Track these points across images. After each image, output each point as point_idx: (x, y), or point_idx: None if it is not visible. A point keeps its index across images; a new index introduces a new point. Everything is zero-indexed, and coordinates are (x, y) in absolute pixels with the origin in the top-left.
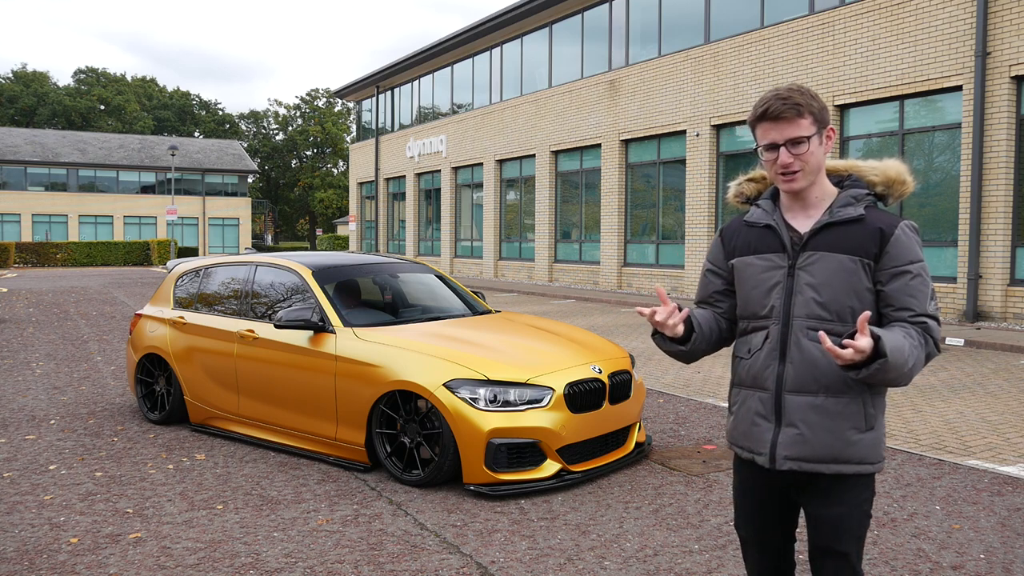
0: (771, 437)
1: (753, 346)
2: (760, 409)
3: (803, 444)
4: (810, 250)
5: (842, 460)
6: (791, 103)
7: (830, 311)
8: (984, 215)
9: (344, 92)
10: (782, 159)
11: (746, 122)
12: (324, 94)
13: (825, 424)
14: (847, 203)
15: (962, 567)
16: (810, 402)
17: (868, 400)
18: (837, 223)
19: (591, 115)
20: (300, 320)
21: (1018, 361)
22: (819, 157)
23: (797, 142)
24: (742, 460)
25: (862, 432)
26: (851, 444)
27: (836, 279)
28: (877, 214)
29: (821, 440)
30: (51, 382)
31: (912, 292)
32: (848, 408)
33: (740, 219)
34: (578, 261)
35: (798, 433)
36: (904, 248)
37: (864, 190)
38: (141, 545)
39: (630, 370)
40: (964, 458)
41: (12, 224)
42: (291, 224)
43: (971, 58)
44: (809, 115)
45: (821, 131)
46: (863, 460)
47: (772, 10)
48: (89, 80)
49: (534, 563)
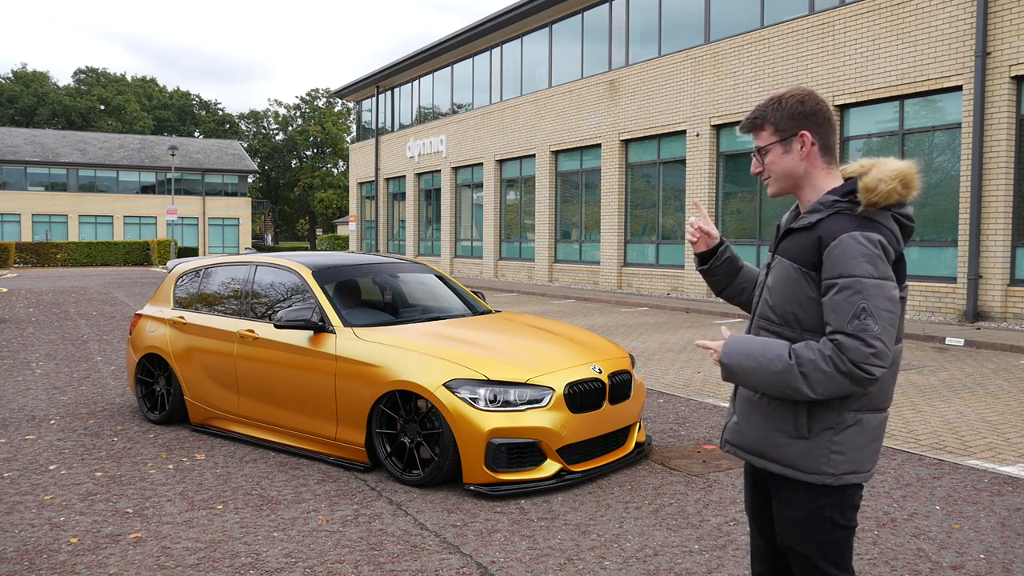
0: (726, 422)
1: None
2: (731, 398)
3: (738, 432)
4: (778, 253)
5: (768, 458)
6: (750, 117)
7: (777, 315)
8: (984, 215)
9: (344, 92)
10: (753, 167)
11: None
12: (324, 94)
13: (757, 420)
14: (815, 209)
15: (962, 567)
16: (748, 397)
17: (803, 410)
18: (796, 229)
19: (591, 115)
20: (300, 320)
21: (1018, 361)
22: (785, 164)
23: (761, 151)
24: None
25: (791, 438)
26: (776, 446)
27: (783, 285)
28: (830, 222)
29: (750, 433)
30: (51, 382)
31: (833, 307)
32: (778, 411)
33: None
34: (578, 261)
35: (735, 422)
36: (837, 260)
37: (835, 196)
38: (141, 545)
39: (630, 370)
40: (964, 458)
41: (12, 224)
42: (291, 224)
43: (971, 58)
44: (769, 126)
45: (788, 139)
46: (791, 465)
47: (772, 10)
48: (89, 80)
49: (534, 563)
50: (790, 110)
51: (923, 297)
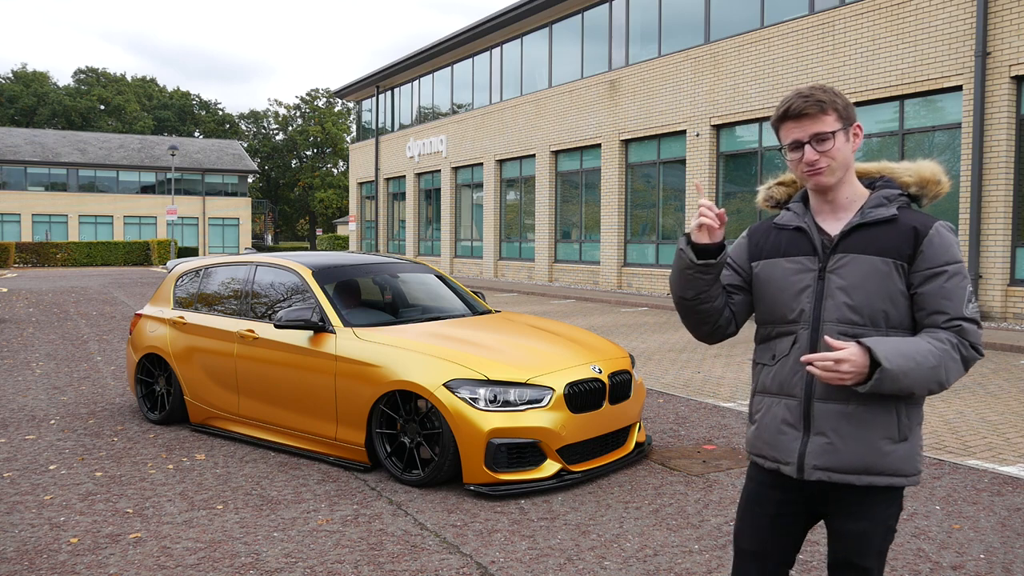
0: (799, 446)
1: (779, 351)
2: (787, 417)
3: (833, 454)
4: (841, 252)
5: (874, 471)
6: (813, 100)
7: (862, 315)
8: (984, 215)
9: (344, 92)
10: (808, 156)
11: (747, 121)
12: (324, 94)
13: (856, 433)
14: (879, 203)
15: (962, 567)
16: (840, 410)
17: (902, 409)
18: (869, 224)
19: (591, 115)
20: (300, 320)
21: (1018, 361)
22: (846, 154)
23: (822, 138)
24: (763, 470)
25: (895, 443)
26: (883, 455)
27: (868, 282)
28: (911, 214)
29: (852, 450)
30: (51, 382)
31: (947, 294)
32: (880, 417)
33: (769, 222)
34: (578, 261)
35: (828, 442)
36: (939, 248)
37: (897, 190)
38: (141, 545)
39: (630, 370)
40: (964, 458)
41: (12, 224)
42: (291, 224)
43: (971, 58)
44: (833, 111)
45: (847, 128)
46: (896, 472)
47: (772, 10)
48: (89, 80)
49: (534, 563)
50: (845, 100)
51: None
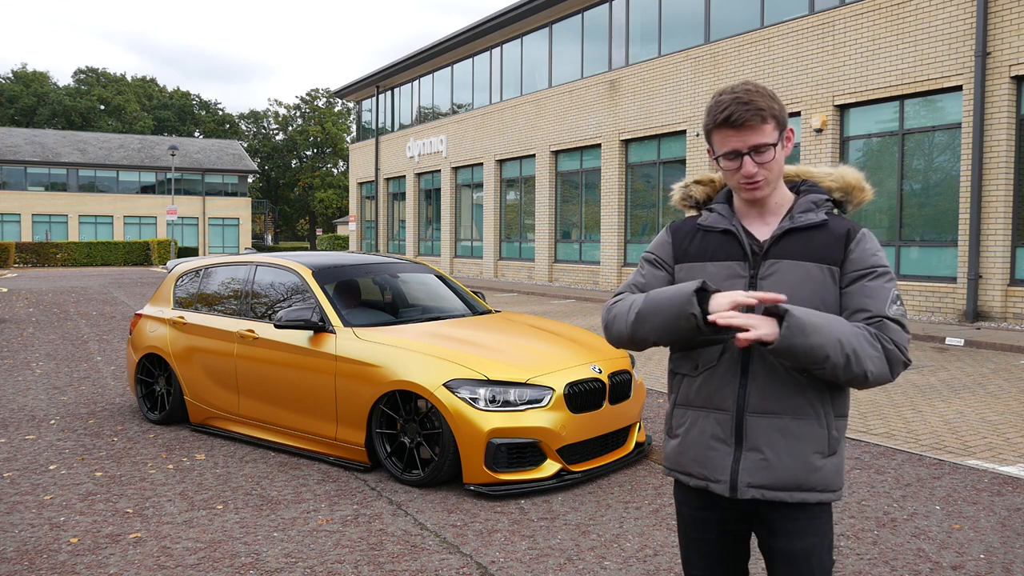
0: (731, 463)
1: (703, 361)
2: (717, 432)
3: (768, 470)
4: (772, 258)
5: (806, 487)
6: (754, 108)
7: None
8: (984, 215)
9: (344, 92)
10: (747, 169)
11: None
12: (324, 94)
13: (790, 447)
14: (808, 208)
15: (962, 567)
16: (774, 423)
17: (832, 423)
18: (799, 229)
19: (591, 115)
20: (300, 320)
21: (1018, 361)
22: (781, 163)
23: (762, 150)
24: (689, 491)
25: (825, 457)
26: (815, 470)
27: (803, 288)
28: (838, 220)
29: (786, 465)
30: (51, 382)
31: (870, 292)
32: (812, 431)
33: (693, 221)
34: (578, 261)
35: (762, 458)
36: (867, 252)
37: (823, 195)
38: (141, 545)
39: (630, 370)
40: (964, 458)
41: (12, 224)
42: (291, 224)
43: (971, 58)
44: (772, 119)
45: (782, 135)
46: (827, 487)
47: (772, 10)
48: (89, 80)
49: (534, 563)
50: (780, 103)
51: (923, 297)
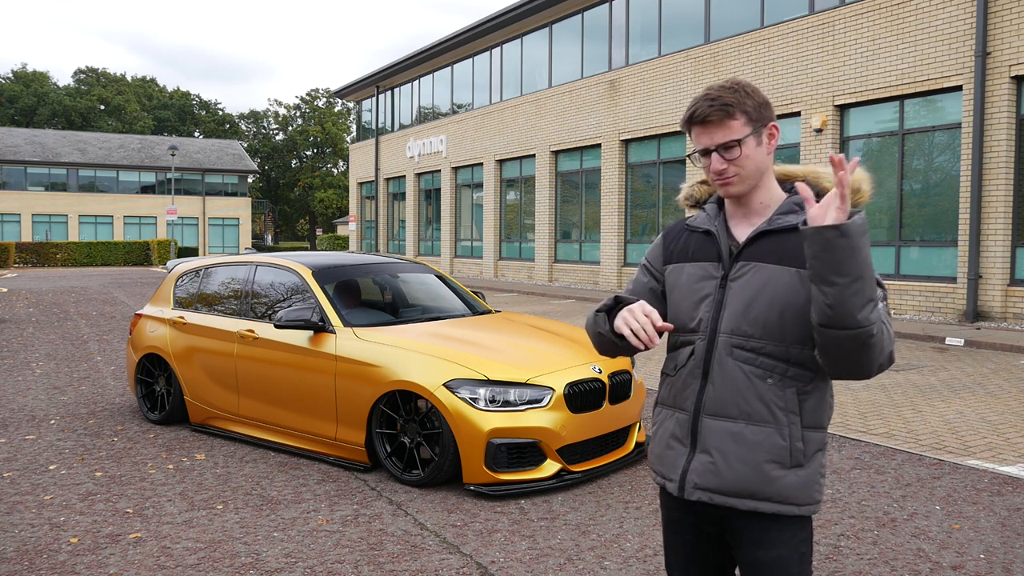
0: (683, 463)
1: (679, 362)
2: (676, 431)
3: (714, 474)
4: (743, 260)
5: (760, 497)
6: (719, 104)
7: (760, 327)
8: (984, 215)
9: (344, 92)
10: (714, 165)
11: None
12: (324, 94)
13: (740, 454)
14: (789, 210)
15: (962, 567)
16: (727, 428)
17: (796, 433)
18: (775, 231)
19: (591, 115)
20: (300, 320)
21: (1018, 361)
22: (758, 160)
23: (728, 146)
24: (665, 491)
25: (785, 468)
26: (770, 480)
27: (774, 293)
28: None
29: (735, 471)
30: (51, 382)
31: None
32: (769, 439)
33: (683, 222)
34: (578, 261)
35: (710, 461)
36: None
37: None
38: (141, 545)
39: (630, 370)
40: (964, 458)
41: (12, 224)
42: (291, 224)
43: (971, 58)
44: (742, 115)
45: (759, 130)
46: (785, 500)
47: (772, 10)
48: (89, 80)
49: (534, 563)
50: (758, 98)
51: (923, 297)
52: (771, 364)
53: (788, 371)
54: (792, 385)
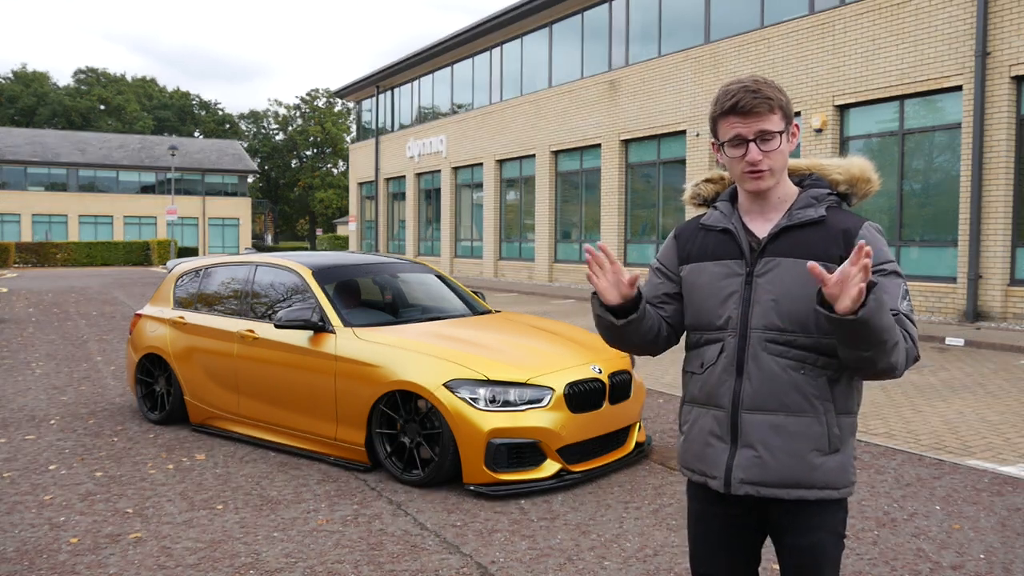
0: (726, 459)
1: (707, 360)
2: (715, 428)
3: (761, 467)
4: (768, 256)
5: (804, 485)
6: (762, 96)
7: (791, 321)
8: (984, 215)
9: (344, 92)
10: (752, 155)
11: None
12: (324, 94)
13: (785, 446)
14: (807, 204)
15: (962, 567)
16: (769, 421)
17: (832, 420)
18: (796, 226)
19: (591, 115)
20: (300, 320)
21: (1018, 361)
22: (786, 156)
23: (767, 137)
24: (696, 485)
25: (825, 454)
26: (814, 468)
27: (797, 287)
28: (840, 215)
29: (781, 463)
30: (51, 382)
31: (883, 288)
32: (810, 428)
33: (696, 221)
34: (578, 261)
35: (756, 455)
36: (872, 247)
37: (825, 190)
38: (141, 545)
39: (630, 370)
40: (964, 458)
41: (12, 224)
42: (291, 224)
43: (971, 58)
44: (779, 110)
45: (788, 127)
46: (827, 485)
47: (772, 10)
48: (89, 80)
49: (534, 563)
50: (787, 96)
51: (923, 297)
52: (803, 355)
53: (819, 360)
54: (823, 374)
